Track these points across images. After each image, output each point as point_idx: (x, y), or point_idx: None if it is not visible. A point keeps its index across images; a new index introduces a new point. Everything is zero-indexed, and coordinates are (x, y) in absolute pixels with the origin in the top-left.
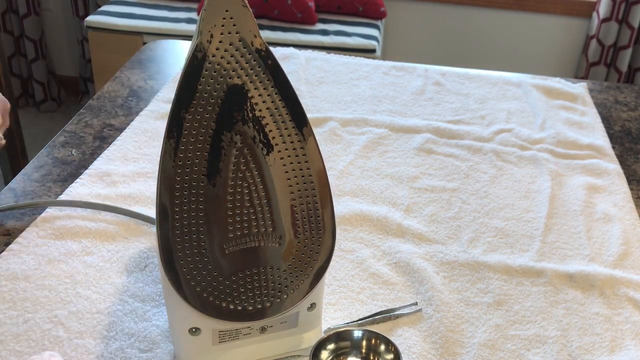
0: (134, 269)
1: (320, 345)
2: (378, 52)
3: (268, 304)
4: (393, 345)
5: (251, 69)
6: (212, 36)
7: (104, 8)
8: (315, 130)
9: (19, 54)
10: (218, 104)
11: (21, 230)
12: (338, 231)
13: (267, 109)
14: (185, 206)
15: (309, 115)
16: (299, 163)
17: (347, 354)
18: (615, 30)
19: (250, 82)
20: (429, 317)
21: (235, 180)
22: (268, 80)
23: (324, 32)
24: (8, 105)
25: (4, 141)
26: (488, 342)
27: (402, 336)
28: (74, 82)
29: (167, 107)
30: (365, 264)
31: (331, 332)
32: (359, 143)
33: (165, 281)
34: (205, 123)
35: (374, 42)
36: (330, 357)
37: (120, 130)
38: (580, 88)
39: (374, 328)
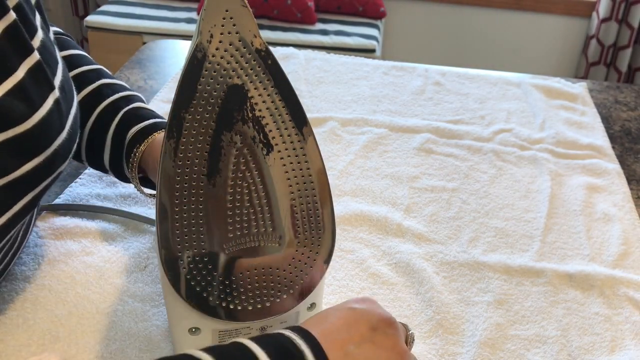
0: (133, 269)
1: None
2: (378, 52)
3: (268, 304)
4: None
5: (251, 69)
6: (212, 36)
7: (104, 8)
8: (315, 130)
9: None
10: (218, 104)
11: None
12: (338, 231)
13: (267, 109)
14: (185, 206)
15: (309, 115)
16: (298, 163)
17: None
18: (615, 30)
19: (250, 82)
20: (429, 317)
21: (235, 180)
22: (268, 80)
23: (324, 32)
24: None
25: None
26: (488, 342)
27: None
28: None
29: (167, 107)
30: (365, 264)
31: None
32: (359, 143)
33: (165, 281)
34: (205, 123)
35: (373, 42)
36: None
37: None
38: (580, 88)
39: None
